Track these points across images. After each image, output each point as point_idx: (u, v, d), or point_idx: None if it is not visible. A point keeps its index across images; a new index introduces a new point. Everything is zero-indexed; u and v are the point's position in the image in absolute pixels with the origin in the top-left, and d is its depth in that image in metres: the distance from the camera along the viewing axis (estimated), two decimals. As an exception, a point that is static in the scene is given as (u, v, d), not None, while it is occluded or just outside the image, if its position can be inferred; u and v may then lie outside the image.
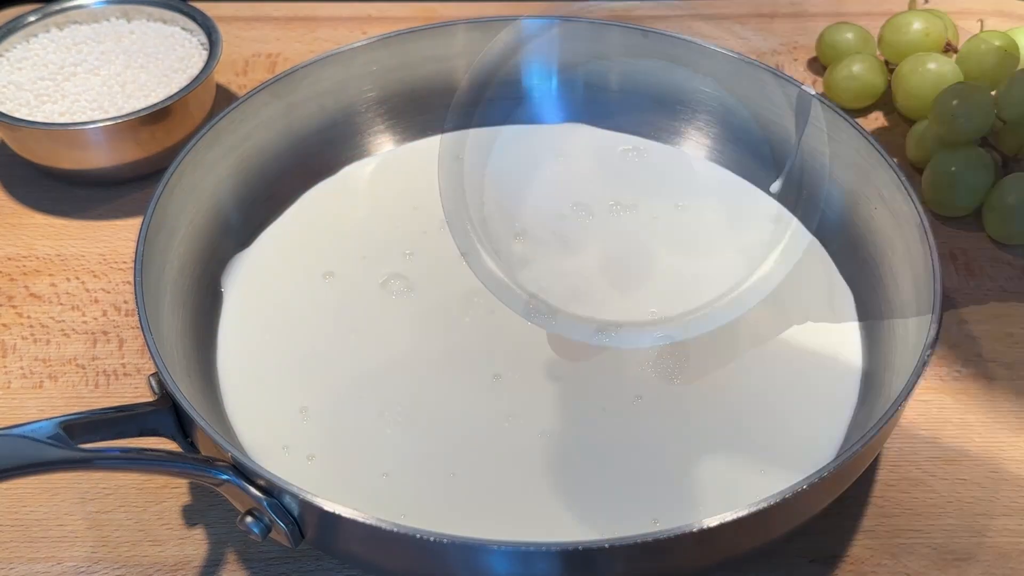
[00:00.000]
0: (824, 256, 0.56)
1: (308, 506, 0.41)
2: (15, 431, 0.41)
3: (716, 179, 0.59)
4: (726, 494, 0.47)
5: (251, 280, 0.56)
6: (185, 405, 0.44)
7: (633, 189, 0.47)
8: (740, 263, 0.42)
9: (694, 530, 0.40)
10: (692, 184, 0.56)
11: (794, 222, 0.54)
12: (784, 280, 0.55)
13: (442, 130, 0.50)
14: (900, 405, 0.44)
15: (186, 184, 0.54)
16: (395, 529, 0.40)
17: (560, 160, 0.48)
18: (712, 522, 0.40)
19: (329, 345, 0.53)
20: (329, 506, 0.41)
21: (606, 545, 0.39)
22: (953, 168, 0.62)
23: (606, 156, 0.50)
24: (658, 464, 0.48)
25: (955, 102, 0.61)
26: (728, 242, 0.46)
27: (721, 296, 0.41)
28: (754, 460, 0.48)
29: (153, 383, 0.46)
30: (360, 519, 0.40)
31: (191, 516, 0.50)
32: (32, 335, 0.58)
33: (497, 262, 0.41)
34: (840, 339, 0.53)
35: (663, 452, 0.48)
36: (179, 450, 0.46)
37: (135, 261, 0.49)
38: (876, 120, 0.70)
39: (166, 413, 0.46)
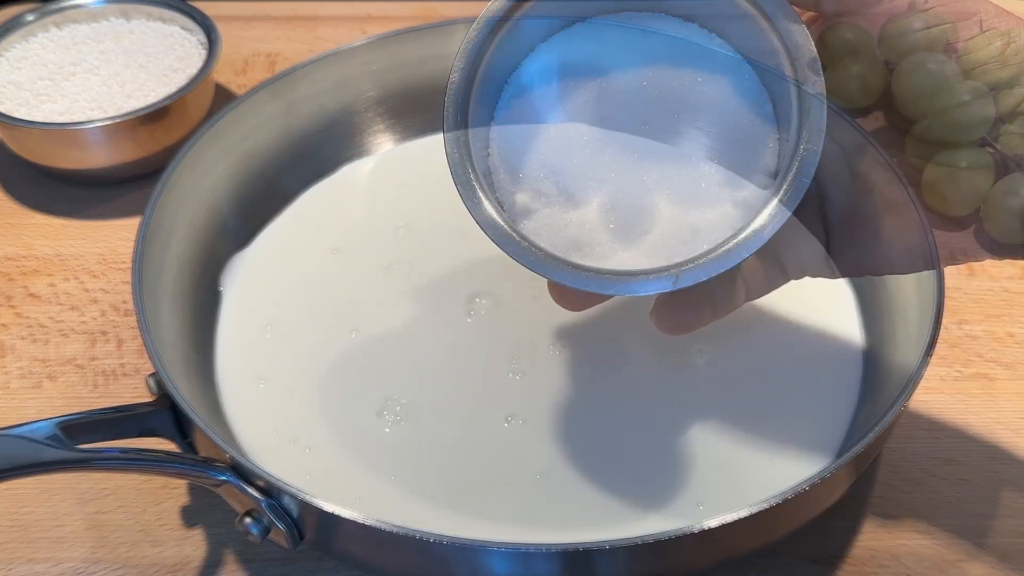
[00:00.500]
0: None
1: (307, 507, 0.41)
2: (13, 431, 0.41)
3: (716, 174, 0.60)
4: (730, 492, 0.46)
5: (250, 280, 0.56)
6: (184, 405, 0.44)
7: (632, 173, 0.48)
8: (737, 216, 0.44)
9: (695, 531, 0.40)
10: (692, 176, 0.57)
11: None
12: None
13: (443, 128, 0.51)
14: (901, 406, 0.43)
15: (185, 184, 0.54)
16: (395, 530, 0.40)
17: (560, 147, 0.49)
18: (713, 522, 0.40)
19: (329, 344, 0.53)
20: (328, 507, 0.41)
21: (606, 546, 0.39)
22: (953, 168, 0.61)
23: (606, 150, 0.50)
24: (661, 462, 0.48)
25: (954, 102, 0.61)
26: (727, 197, 0.47)
27: (720, 245, 0.42)
28: (757, 459, 0.48)
29: (152, 383, 0.46)
30: (360, 520, 0.40)
31: (190, 517, 0.50)
32: (31, 335, 0.58)
33: (499, 212, 0.42)
34: (842, 338, 0.53)
35: (666, 450, 0.48)
36: (178, 450, 0.46)
37: (133, 261, 0.49)
38: (876, 120, 0.70)
39: (165, 413, 0.46)
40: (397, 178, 0.61)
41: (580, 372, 0.51)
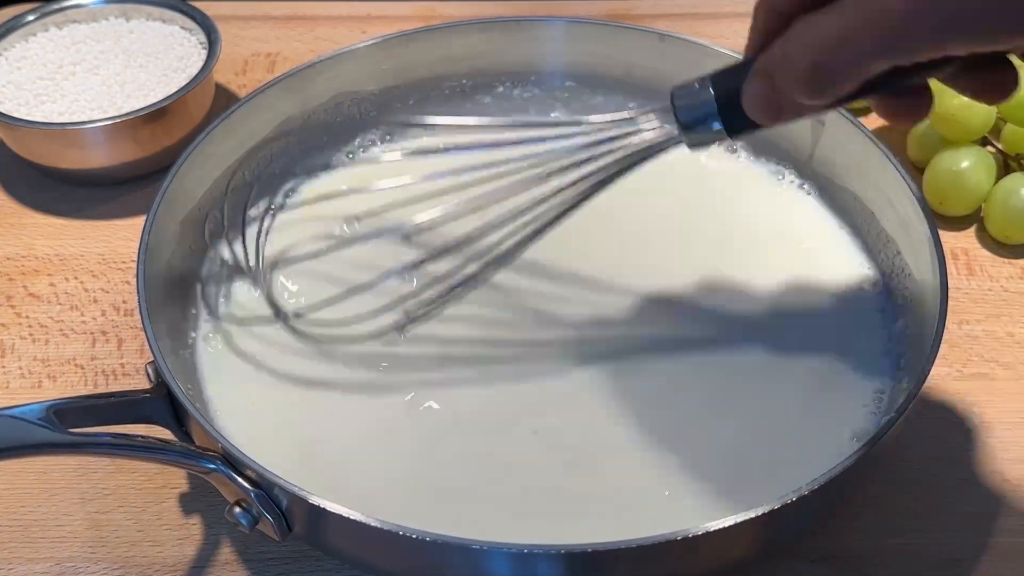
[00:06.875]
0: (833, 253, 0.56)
1: (295, 499, 0.42)
2: (5, 412, 0.41)
3: (724, 172, 0.60)
4: (733, 496, 0.46)
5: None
6: (179, 393, 0.44)
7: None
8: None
9: (697, 533, 0.40)
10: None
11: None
12: (792, 278, 0.55)
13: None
14: (902, 411, 0.43)
15: (186, 184, 0.54)
16: (380, 525, 0.40)
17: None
18: (714, 526, 0.40)
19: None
20: (315, 499, 0.41)
21: (607, 547, 0.39)
22: (954, 168, 0.61)
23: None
24: (666, 463, 0.48)
25: (956, 102, 0.61)
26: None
27: None
28: (760, 462, 0.48)
29: (149, 371, 0.46)
30: (344, 514, 0.40)
31: (190, 516, 0.50)
32: (31, 335, 0.58)
33: None
34: (851, 337, 0.52)
35: (670, 451, 0.48)
36: (170, 438, 0.46)
37: (138, 255, 0.49)
38: (878, 120, 0.70)
39: (161, 401, 0.46)
40: (397, 178, 0.61)
41: (591, 365, 0.51)
